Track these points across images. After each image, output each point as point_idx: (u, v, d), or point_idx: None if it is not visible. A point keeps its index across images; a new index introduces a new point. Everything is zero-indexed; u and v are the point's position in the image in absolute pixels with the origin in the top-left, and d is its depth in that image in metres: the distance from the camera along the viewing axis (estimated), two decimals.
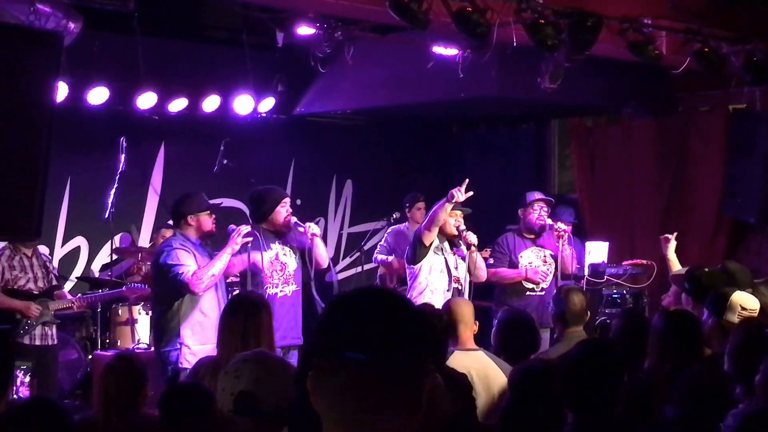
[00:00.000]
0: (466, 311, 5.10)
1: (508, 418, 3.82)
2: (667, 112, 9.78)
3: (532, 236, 7.99)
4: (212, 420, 3.35)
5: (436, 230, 6.99)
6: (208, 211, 6.39)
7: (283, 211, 6.70)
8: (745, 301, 4.94)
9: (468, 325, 5.02)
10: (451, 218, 7.07)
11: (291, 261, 6.73)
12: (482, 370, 4.78)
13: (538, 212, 7.94)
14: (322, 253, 6.78)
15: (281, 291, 6.62)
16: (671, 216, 9.64)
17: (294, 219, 6.71)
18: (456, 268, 7.13)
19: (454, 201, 6.85)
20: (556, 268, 7.85)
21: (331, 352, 1.54)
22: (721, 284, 5.37)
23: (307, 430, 1.58)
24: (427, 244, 7.00)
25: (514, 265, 7.90)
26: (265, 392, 3.01)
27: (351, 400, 1.52)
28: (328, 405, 1.54)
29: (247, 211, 9.28)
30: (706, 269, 5.86)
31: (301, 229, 6.64)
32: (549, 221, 7.90)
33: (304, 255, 6.71)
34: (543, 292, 7.77)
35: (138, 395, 4.09)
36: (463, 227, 7.08)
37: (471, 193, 6.88)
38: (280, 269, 6.68)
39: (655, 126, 9.80)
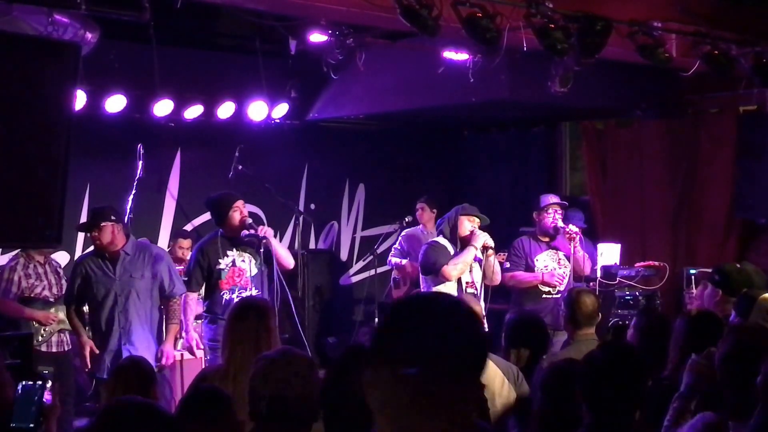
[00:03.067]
0: None
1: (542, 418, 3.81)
2: (677, 114, 9.80)
3: (547, 239, 8.02)
4: (229, 425, 3.41)
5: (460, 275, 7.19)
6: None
7: (236, 215, 6.74)
8: None
9: None
10: (470, 223, 7.18)
11: (250, 266, 6.76)
12: None
13: (552, 215, 7.96)
14: (283, 254, 6.82)
15: (238, 297, 6.57)
16: (682, 217, 9.68)
17: (249, 220, 6.77)
18: (470, 271, 7.20)
19: (479, 247, 7.15)
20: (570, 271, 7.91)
21: (385, 359, 1.64)
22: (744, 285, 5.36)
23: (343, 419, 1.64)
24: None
25: (530, 268, 7.91)
26: (293, 395, 3.09)
27: (403, 403, 1.61)
28: (382, 403, 1.64)
29: (264, 216, 9.45)
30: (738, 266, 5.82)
31: (253, 230, 6.70)
32: (561, 224, 7.96)
33: (271, 260, 6.72)
34: (559, 295, 7.71)
35: (146, 397, 4.00)
36: (478, 231, 7.19)
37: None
38: (237, 276, 6.73)
39: (666, 128, 9.82)
